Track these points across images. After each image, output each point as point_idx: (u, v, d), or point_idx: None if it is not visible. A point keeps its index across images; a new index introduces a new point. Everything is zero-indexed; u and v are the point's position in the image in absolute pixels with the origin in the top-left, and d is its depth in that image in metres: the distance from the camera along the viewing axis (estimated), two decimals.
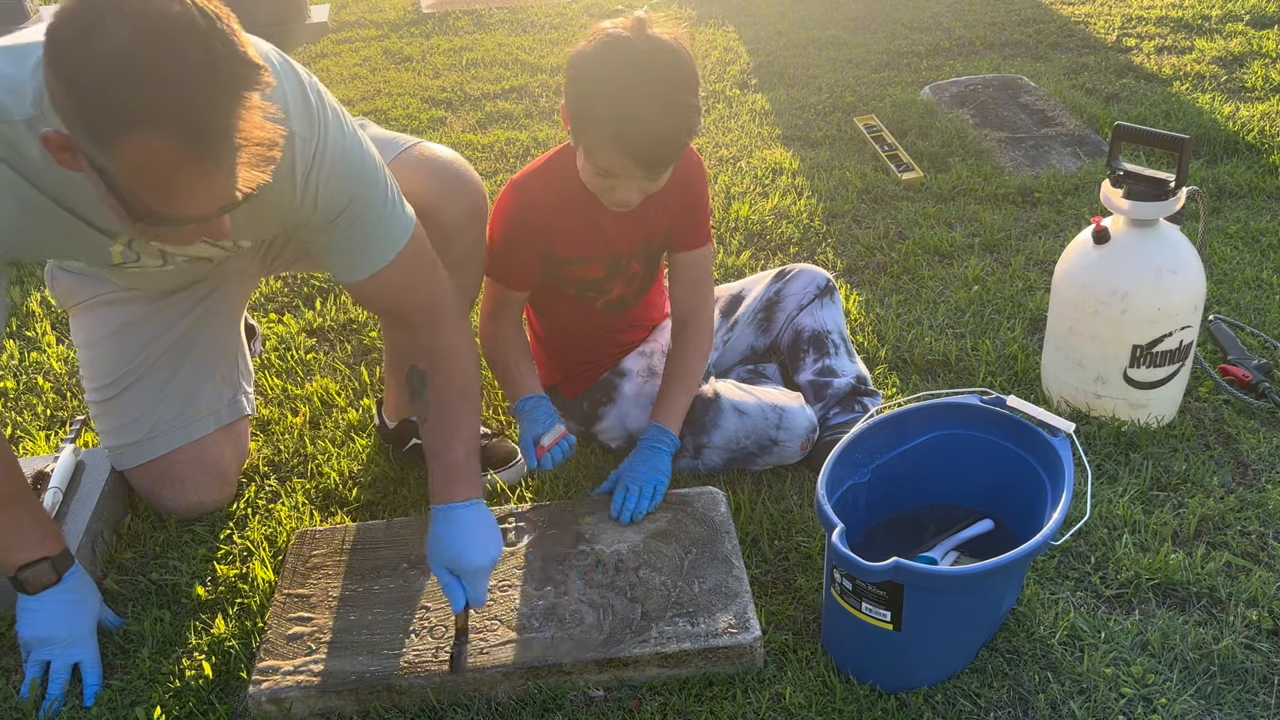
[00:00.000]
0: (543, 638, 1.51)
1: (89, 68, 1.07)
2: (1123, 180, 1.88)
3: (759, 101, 3.78)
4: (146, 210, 1.16)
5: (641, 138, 1.55)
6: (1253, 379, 2.03)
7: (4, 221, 1.35)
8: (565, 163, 1.74)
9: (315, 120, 1.41)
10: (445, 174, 1.72)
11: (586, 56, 1.59)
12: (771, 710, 1.44)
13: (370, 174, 1.48)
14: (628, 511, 1.72)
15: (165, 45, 1.07)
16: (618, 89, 1.55)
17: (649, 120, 1.54)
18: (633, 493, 1.73)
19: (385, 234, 1.51)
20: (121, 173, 1.13)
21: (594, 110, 1.58)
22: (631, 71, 1.55)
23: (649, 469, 1.77)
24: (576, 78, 1.60)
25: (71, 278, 1.83)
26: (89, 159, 1.14)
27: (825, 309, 2.03)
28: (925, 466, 1.65)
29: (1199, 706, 1.42)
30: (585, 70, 1.59)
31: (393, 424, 1.98)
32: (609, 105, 1.55)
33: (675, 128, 1.57)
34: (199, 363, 1.87)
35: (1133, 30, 4.32)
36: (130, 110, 1.08)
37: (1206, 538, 1.72)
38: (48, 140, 1.16)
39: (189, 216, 1.19)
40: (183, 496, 1.85)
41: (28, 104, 1.27)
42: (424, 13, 5.27)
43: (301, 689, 1.46)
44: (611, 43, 1.57)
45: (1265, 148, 3.12)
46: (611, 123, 1.55)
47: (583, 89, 1.60)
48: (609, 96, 1.55)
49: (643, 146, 1.56)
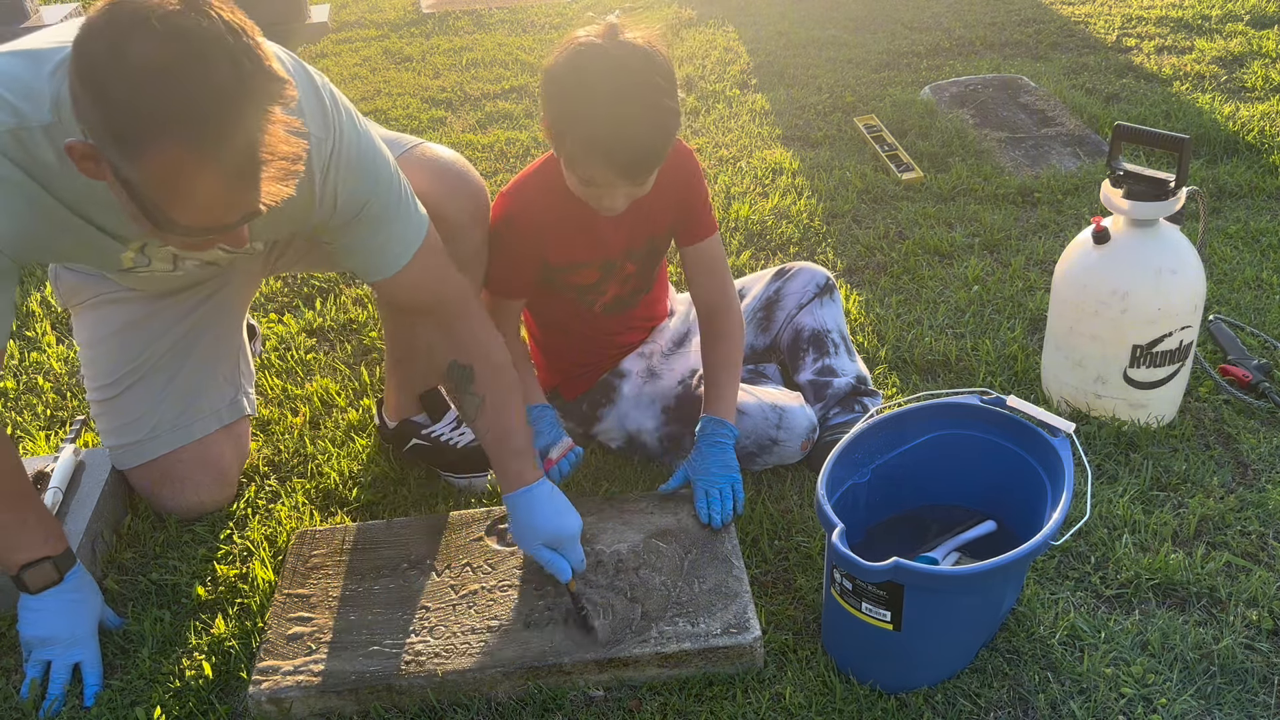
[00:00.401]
0: (542, 638, 1.51)
1: (117, 80, 1.08)
2: (1123, 180, 1.88)
3: (759, 101, 3.78)
4: (169, 220, 1.18)
5: (621, 147, 1.52)
6: (1253, 379, 2.03)
7: (17, 226, 1.35)
8: (554, 170, 1.73)
9: (330, 122, 1.42)
10: (447, 174, 1.73)
11: (559, 67, 1.56)
12: (771, 710, 1.44)
13: (385, 173, 1.49)
14: (718, 517, 1.69)
15: (193, 59, 1.08)
16: (592, 99, 1.51)
17: (626, 128, 1.51)
18: (714, 496, 1.71)
19: (403, 231, 1.53)
20: (147, 183, 1.14)
21: (571, 122, 1.55)
22: (605, 80, 1.51)
23: (721, 466, 1.74)
24: (551, 90, 1.58)
25: (75, 276, 1.83)
26: (113, 169, 1.15)
27: (825, 308, 2.03)
28: (925, 466, 1.65)
29: (1199, 706, 1.43)
30: (559, 82, 1.56)
31: (393, 424, 1.98)
32: (586, 116, 1.52)
33: (653, 134, 1.54)
34: (201, 362, 1.87)
35: (1133, 30, 4.32)
36: (158, 123, 1.09)
37: (1206, 538, 1.72)
38: (72, 149, 1.17)
39: (212, 227, 1.20)
40: (183, 496, 1.85)
41: (45, 110, 1.28)
42: (424, 13, 5.27)
43: (301, 689, 1.46)
44: (583, 51, 1.54)
45: (1265, 148, 3.12)
46: (589, 134, 1.53)
47: (558, 101, 1.57)
48: (585, 107, 1.52)
49: (622, 155, 1.53)
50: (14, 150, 1.29)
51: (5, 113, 1.28)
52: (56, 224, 1.39)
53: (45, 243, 1.41)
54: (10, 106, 1.28)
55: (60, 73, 1.28)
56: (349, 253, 1.55)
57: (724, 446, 1.76)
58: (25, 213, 1.35)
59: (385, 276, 1.55)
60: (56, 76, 1.28)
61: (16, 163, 1.30)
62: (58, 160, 1.30)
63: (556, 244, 1.78)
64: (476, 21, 5.10)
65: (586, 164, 1.56)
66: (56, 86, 1.27)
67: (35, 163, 1.31)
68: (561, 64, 1.56)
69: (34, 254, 1.44)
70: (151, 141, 1.10)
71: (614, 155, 1.53)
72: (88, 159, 1.17)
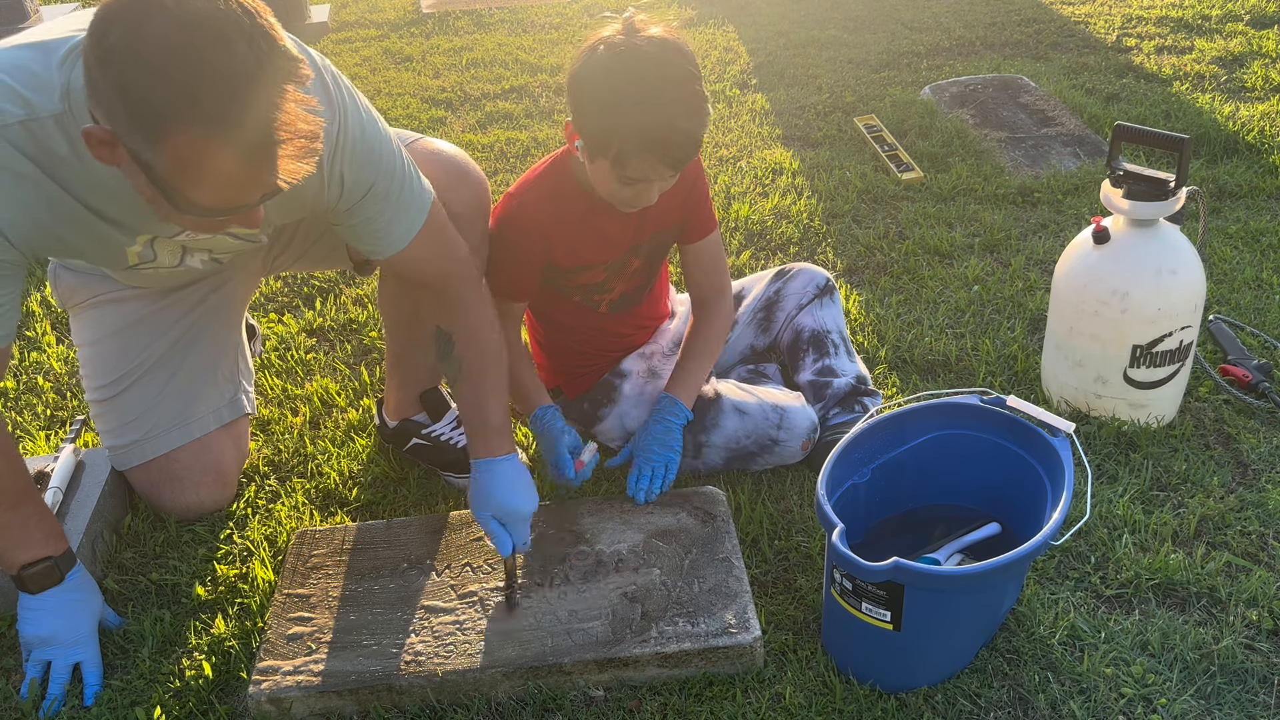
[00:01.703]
0: (542, 637, 1.51)
1: (137, 66, 1.10)
2: (1123, 180, 1.88)
3: (759, 101, 3.78)
4: (189, 202, 1.19)
5: (674, 139, 1.55)
6: (1253, 379, 2.03)
7: (28, 218, 1.36)
8: (560, 173, 1.74)
9: (334, 104, 1.43)
10: (451, 166, 1.74)
11: (591, 71, 1.57)
12: (771, 710, 1.44)
13: (389, 151, 1.51)
14: (641, 492, 1.74)
15: (212, 42, 1.10)
16: (639, 97, 1.53)
17: (677, 121, 1.54)
18: (644, 474, 1.76)
19: (410, 207, 1.55)
20: (168, 167, 1.16)
21: (619, 121, 1.55)
22: (646, 76, 1.54)
23: (660, 445, 1.78)
24: (588, 92, 1.59)
25: (75, 277, 1.83)
26: (132, 154, 1.17)
27: (825, 308, 2.03)
28: (925, 466, 1.65)
29: (1199, 706, 1.42)
30: (596, 84, 1.57)
31: (393, 423, 1.98)
32: (634, 115, 1.54)
33: (699, 123, 1.57)
34: (200, 362, 1.87)
35: (1133, 30, 4.32)
36: (180, 108, 1.11)
37: (1206, 538, 1.72)
38: (89, 135, 1.18)
39: (231, 207, 1.22)
40: (183, 496, 1.85)
41: (55, 100, 1.29)
42: (424, 13, 5.27)
43: (301, 689, 1.46)
44: (615, 52, 1.55)
45: (1265, 148, 3.12)
46: (641, 130, 1.54)
47: (595, 105, 1.58)
48: (632, 106, 1.54)
49: (675, 148, 1.56)
50: (25, 142, 1.30)
51: (15, 104, 1.29)
52: (66, 216, 1.40)
53: (55, 235, 1.42)
54: (20, 98, 1.29)
55: (69, 62, 1.29)
56: (356, 233, 1.56)
57: (670, 425, 1.80)
58: (36, 205, 1.36)
59: (393, 253, 1.57)
60: (65, 66, 1.29)
61: (28, 155, 1.31)
62: (69, 150, 1.31)
63: (565, 246, 1.78)
64: (476, 21, 5.10)
65: (639, 161, 1.57)
66: (65, 76, 1.29)
67: (46, 154, 1.32)
68: (593, 67, 1.57)
69: (43, 247, 1.45)
70: (174, 125, 1.12)
71: (668, 149, 1.55)
72: (104, 145, 1.18)
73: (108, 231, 1.46)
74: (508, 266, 1.80)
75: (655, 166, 1.58)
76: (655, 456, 1.78)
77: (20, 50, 1.32)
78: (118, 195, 1.38)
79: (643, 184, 1.62)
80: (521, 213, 1.77)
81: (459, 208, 1.71)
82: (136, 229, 1.48)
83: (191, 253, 1.63)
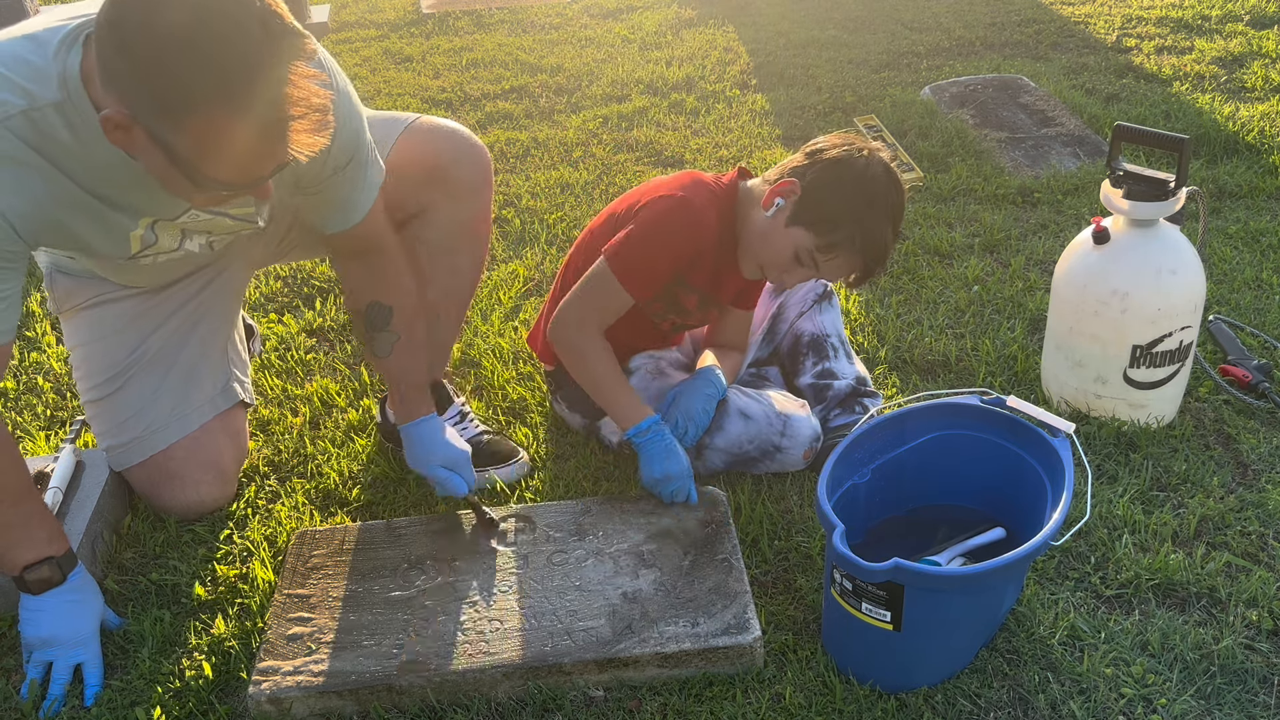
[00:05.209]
0: (542, 638, 1.51)
1: (155, 50, 1.14)
2: (1123, 180, 1.88)
3: (759, 101, 3.78)
4: (207, 178, 1.24)
5: (881, 259, 1.71)
6: (1253, 379, 2.03)
7: (33, 207, 1.38)
8: (725, 205, 1.80)
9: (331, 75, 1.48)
10: (455, 139, 1.81)
11: (853, 172, 1.68)
12: (771, 710, 1.44)
13: (362, 124, 1.57)
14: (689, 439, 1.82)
15: (226, 22, 1.15)
16: (878, 216, 1.67)
17: (890, 246, 1.71)
18: (680, 426, 1.82)
19: (371, 178, 1.62)
20: (189, 146, 1.20)
21: (857, 225, 1.67)
22: (887, 197, 1.68)
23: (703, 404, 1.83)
24: (841, 187, 1.68)
25: (71, 280, 1.83)
26: (151, 135, 1.20)
27: (824, 313, 2.04)
28: (925, 466, 1.65)
29: (1199, 706, 1.43)
30: (852, 186, 1.67)
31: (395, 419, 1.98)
32: (874, 228, 1.67)
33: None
34: (195, 356, 1.87)
35: (1133, 30, 4.33)
36: (200, 89, 1.15)
37: (1206, 538, 1.72)
38: (107, 121, 1.21)
39: (250, 181, 1.27)
40: (183, 495, 1.84)
41: (54, 89, 1.32)
42: (424, 13, 5.27)
43: (301, 689, 1.46)
44: (875, 165, 1.69)
45: (1265, 148, 3.12)
46: (872, 243, 1.68)
47: (847, 202, 1.68)
48: (873, 221, 1.67)
49: (882, 268, 1.73)
50: (27, 132, 1.32)
51: (16, 95, 1.31)
52: (71, 203, 1.42)
53: (60, 224, 1.44)
54: (20, 89, 1.31)
55: (63, 50, 1.31)
56: (325, 205, 1.61)
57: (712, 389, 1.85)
58: (42, 194, 1.38)
59: (354, 224, 1.63)
60: (60, 55, 1.31)
61: (31, 144, 1.33)
62: (71, 137, 1.34)
63: (704, 266, 1.82)
64: (476, 22, 5.10)
65: (846, 259, 1.71)
66: (61, 64, 1.31)
67: (48, 142, 1.34)
68: (857, 170, 1.68)
69: (47, 236, 1.47)
70: (196, 107, 1.17)
71: (872, 265, 1.71)
72: (120, 129, 1.22)
73: (112, 216, 1.48)
74: (657, 263, 1.78)
75: (848, 268, 1.72)
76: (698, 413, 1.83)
77: (12, 43, 1.35)
78: (120, 179, 1.41)
79: (811, 272, 1.74)
80: (701, 217, 1.76)
81: (468, 179, 1.77)
82: (139, 211, 1.51)
83: (190, 235, 1.65)
